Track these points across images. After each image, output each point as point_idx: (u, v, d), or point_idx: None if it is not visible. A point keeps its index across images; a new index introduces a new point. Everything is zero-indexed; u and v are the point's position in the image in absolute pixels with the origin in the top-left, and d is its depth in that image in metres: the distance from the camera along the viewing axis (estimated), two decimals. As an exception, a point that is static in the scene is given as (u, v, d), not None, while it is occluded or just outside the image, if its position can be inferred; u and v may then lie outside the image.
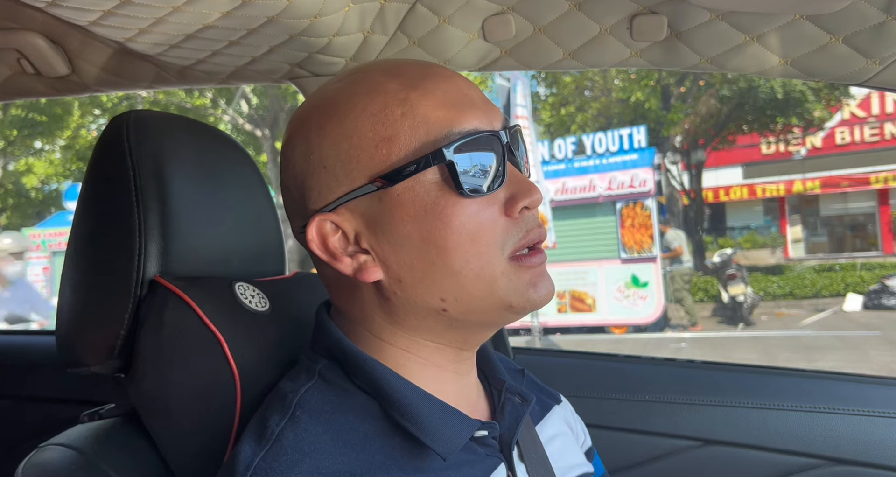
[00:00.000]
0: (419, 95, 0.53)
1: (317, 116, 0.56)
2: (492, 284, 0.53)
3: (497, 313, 0.55)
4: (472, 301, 0.53)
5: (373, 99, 0.54)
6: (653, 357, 1.25)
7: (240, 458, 0.49)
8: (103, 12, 0.76)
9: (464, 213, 0.52)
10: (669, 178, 13.09)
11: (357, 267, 0.54)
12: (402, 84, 0.54)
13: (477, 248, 0.52)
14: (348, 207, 0.54)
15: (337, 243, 0.54)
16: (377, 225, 0.53)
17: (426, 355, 0.57)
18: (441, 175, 0.52)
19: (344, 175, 0.53)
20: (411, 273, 0.53)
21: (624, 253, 8.79)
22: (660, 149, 11.11)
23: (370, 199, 0.53)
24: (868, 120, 15.28)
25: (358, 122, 0.53)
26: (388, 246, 0.53)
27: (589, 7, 0.88)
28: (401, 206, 0.52)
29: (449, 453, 0.52)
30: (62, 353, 0.69)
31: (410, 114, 0.52)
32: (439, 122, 0.52)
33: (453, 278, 0.52)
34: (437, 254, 0.52)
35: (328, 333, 0.58)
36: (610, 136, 9.70)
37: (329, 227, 0.54)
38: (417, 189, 0.52)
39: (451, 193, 0.52)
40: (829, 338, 7.60)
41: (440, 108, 0.53)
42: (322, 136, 0.55)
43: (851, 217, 16.57)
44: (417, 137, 0.52)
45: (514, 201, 0.54)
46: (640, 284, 8.68)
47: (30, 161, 15.25)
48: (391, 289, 0.54)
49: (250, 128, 12.36)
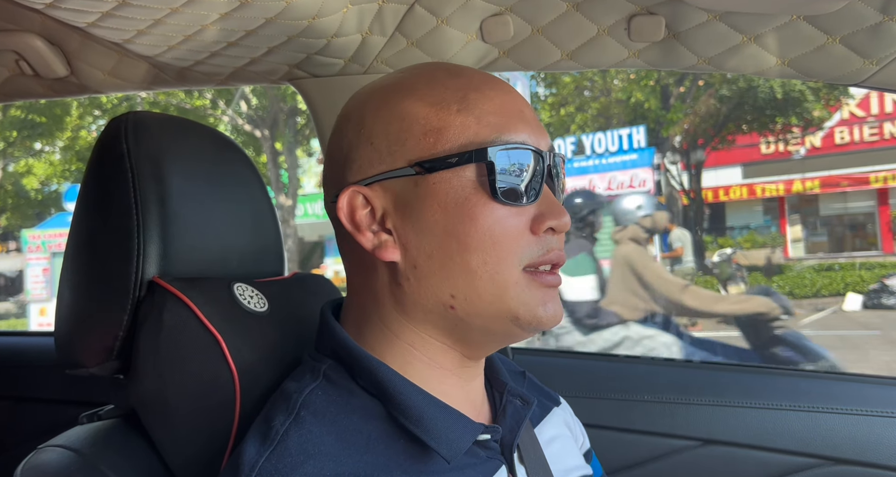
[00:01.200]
0: (477, 97, 0.55)
1: (377, 96, 0.58)
2: (503, 290, 0.53)
3: (502, 323, 0.55)
4: (481, 304, 0.54)
5: (433, 90, 0.56)
6: (652, 357, 1.26)
7: (244, 458, 0.50)
8: (101, 14, 0.76)
9: (491, 215, 0.53)
10: (669, 177, 13.10)
11: (377, 243, 0.55)
12: (464, 84, 0.56)
13: (497, 252, 0.53)
14: (383, 185, 0.55)
15: (364, 217, 0.56)
16: (406, 208, 0.54)
17: (431, 355, 0.57)
18: (479, 175, 0.53)
19: (388, 154, 0.55)
20: (428, 262, 0.54)
21: (624, 253, 8.78)
22: (659, 149, 11.12)
23: (406, 182, 0.54)
24: (867, 119, 15.28)
25: (414, 107, 0.55)
26: (411, 231, 0.54)
27: (587, 8, 0.89)
28: (434, 194, 0.53)
29: (453, 457, 0.52)
30: (61, 354, 0.69)
31: (465, 111, 0.54)
32: (490, 126, 0.54)
33: (467, 276, 0.53)
34: (457, 248, 0.53)
35: (333, 333, 0.58)
36: (609, 136, 9.72)
37: (360, 201, 0.55)
38: (454, 182, 0.53)
39: (483, 194, 0.53)
40: (828, 337, 7.60)
41: (494, 113, 0.55)
42: (376, 114, 0.57)
43: (851, 217, 16.58)
44: (466, 135, 0.54)
45: (542, 219, 0.55)
46: (640, 284, 8.67)
47: (30, 162, 15.25)
48: (405, 274, 0.55)
49: (250, 128, 12.36)
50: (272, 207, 0.84)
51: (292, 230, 12.19)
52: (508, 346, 1.20)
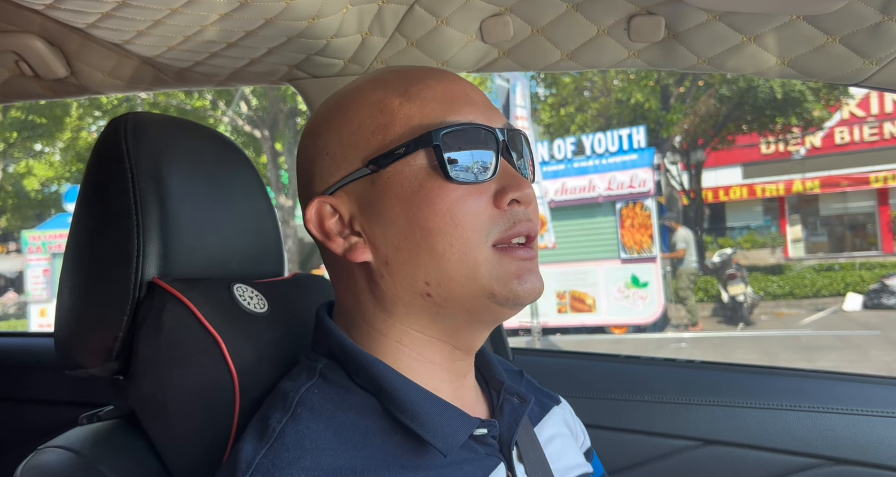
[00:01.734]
0: (420, 88, 0.57)
1: (327, 109, 0.60)
2: (473, 269, 0.54)
3: (480, 302, 0.55)
4: (455, 286, 0.54)
5: (375, 90, 0.58)
6: (653, 357, 1.26)
7: (241, 455, 0.50)
8: (101, 15, 0.76)
9: (448, 197, 0.53)
10: (669, 178, 13.10)
11: (347, 247, 0.56)
12: (406, 79, 0.58)
13: (460, 232, 0.53)
14: (346, 191, 0.57)
15: (333, 225, 0.57)
16: (369, 207, 0.56)
17: (419, 350, 0.57)
18: (429, 160, 0.54)
19: (343, 160, 0.57)
20: (398, 255, 0.55)
21: (624, 253, 8.79)
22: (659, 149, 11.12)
23: (364, 183, 0.56)
24: (867, 119, 15.28)
25: (359, 110, 0.57)
26: (377, 228, 0.55)
27: (586, 8, 0.89)
28: (390, 188, 0.54)
29: (449, 450, 0.52)
30: (61, 355, 0.69)
31: (408, 103, 0.56)
32: (434, 112, 0.55)
33: (436, 261, 0.54)
34: (421, 236, 0.53)
35: (329, 332, 0.58)
36: (609, 136, 9.70)
37: (327, 210, 0.57)
38: (406, 172, 0.54)
39: (437, 178, 0.54)
40: (828, 337, 7.60)
41: (438, 100, 0.56)
42: (328, 124, 0.59)
43: (851, 217, 16.58)
44: (411, 124, 0.55)
45: (504, 193, 0.55)
46: (640, 285, 8.67)
47: (30, 163, 15.25)
48: (379, 271, 0.56)
49: (249, 129, 12.36)
50: (272, 208, 0.84)
51: (292, 231, 12.19)
52: (508, 347, 1.20)
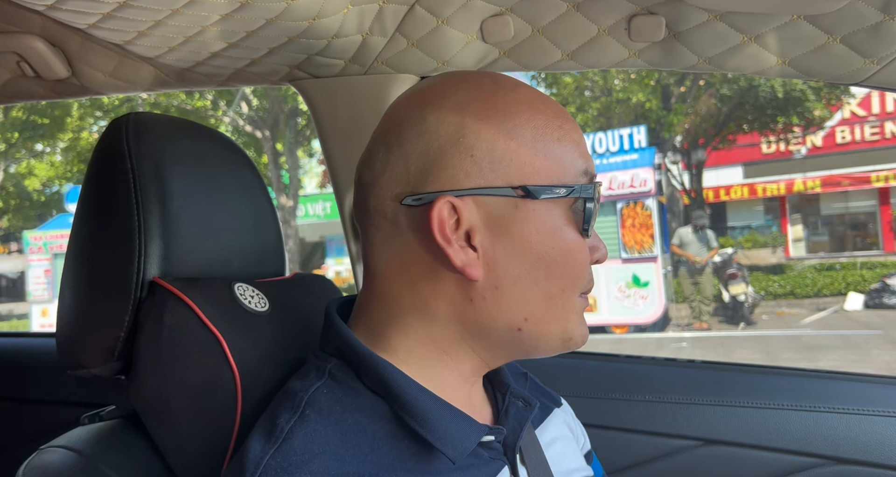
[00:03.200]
0: (569, 128, 0.57)
1: (477, 105, 0.55)
2: (568, 314, 0.57)
3: (555, 344, 0.57)
4: (548, 327, 0.56)
5: (536, 114, 0.56)
6: (653, 357, 1.25)
7: (249, 456, 0.50)
8: (102, 15, 0.76)
9: (577, 247, 0.56)
10: (670, 177, 13.09)
11: (466, 260, 0.53)
12: (556, 112, 0.57)
13: (573, 281, 0.56)
14: (476, 200, 0.53)
15: (450, 228, 0.53)
16: (500, 228, 0.54)
17: (459, 362, 0.57)
18: (575, 207, 0.56)
19: (490, 170, 0.54)
20: (514, 284, 0.54)
21: (625, 253, 8.79)
22: (660, 149, 11.11)
23: (505, 202, 0.53)
24: (868, 119, 15.27)
25: (521, 129, 0.55)
26: (501, 251, 0.53)
27: (587, 8, 0.89)
28: (533, 219, 0.54)
29: (458, 457, 0.52)
30: (62, 355, 0.69)
31: (564, 141, 0.56)
32: (581, 159, 0.57)
33: (545, 302, 0.55)
34: (544, 275, 0.54)
35: (338, 332, 0.58)
36: (610, 136, 9.70)
37: (448, 211, 0.53)
38: (553, 211, 0.55)
39: (573, 226, 0.56)
40: (830, 337, 7.59)
41: (580, 145, 0.58)
42: (480, 127, 0.54)
43: (852, 216, 16.56)
44: (566, 162, 0.56)
45: (595, 252, 0.59)
46: (641, 284, 8.67)
47: (31, 163, 15.27)
48: (482, 293, 0.54)
49: (250, 129, 12.36)
50: (273, 208, 0.84)
51: (293, 231, 12.19)
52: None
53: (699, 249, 8.86)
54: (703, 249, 8.86)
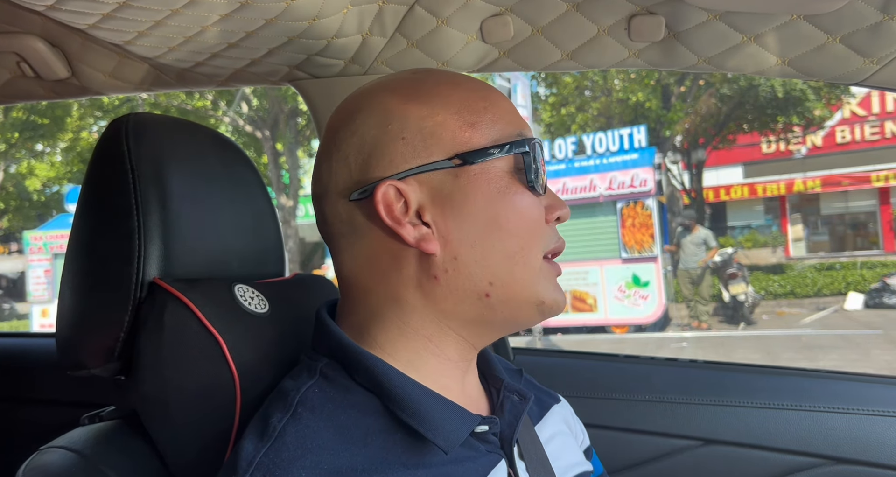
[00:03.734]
0: (495, 99, 0.59)
1: (399, 94, 0.58)
2: (533, 275, 0.57)
3: (528, 308, 0.57)
4: (515, 289, 0.56)
5: (457, 90, 0.58)
6: (653, 357, 1.26)
7: (242, 454, 0.50)
8: (102, 16, 0.76)
9: (527, 203, 0.57)
10: (670, 177, 13.09)
11: (419, 236, 0.55)
12: (478, 86, 0.60)
13: (531, 238, 0.57)
14: (418, 179, 0.56)
15: (400, 211, 0.56)
16: (446, 200, 0.55)
17: (443, 347, 0.58)
18: (515, 165, 0.57)
19: (423, 148, 0.56)
20: (471, 251, 0.55)
21: (625, 253, 8.79)
22: (660, 148, 11.11)
23: (444, 175, 0.55)
24: (869, 118, 15.27)
25: (445, 104, 0.57)
26: (452, 222, 0.55)
27: (587, 8, 0.89)
28: (475, 184, 0.55)
29: (450, 447, 0.52)
30: (62, 355, 0.69)
31: (492, 109, 0.58)
32: (513, 123, 0.58)
33: (507, 262, 0.55)
34: (498, 235, 0.55)
35: (329, 332, 0.58)
36: (610, 135, 9.70)
37: (393, 194, 0.55)
38: (492, 172, 0.56)
39: (520, 184, 0.57)
40: (830, 337, 7.59)
41: (510, 112, 0.59)
42: (405, 111, 0.57)
43: (852, 216, 16.56)
44: (497, 128, 0.57)
45: (552, 209, 0.59)
46: (641, 284, 8.67)
47: (31, 164, 15.27)
48: (443, 266, 0.55)
49: (251, 129, 12.36)
50: (273, 208, 0.84)
51: (293, 231, 12.19)
52: (509, 346, 1.20)
53: (694, 249, 8.83)
54: (698, 250, 8.82)
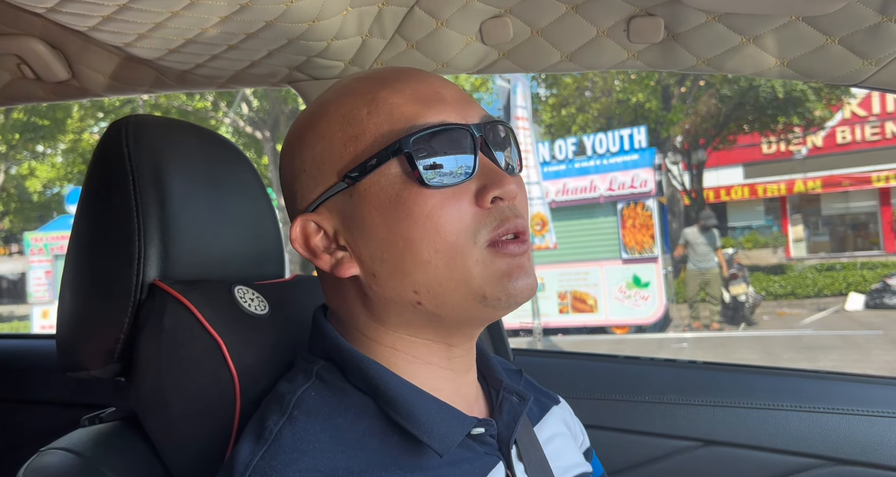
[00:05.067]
0: (387, 94, 0.55)
1: (300, 125, 0.60)
2: (464, 273, 0.53)
3: (472, 306, 0.54)
4: (445, 292, 0.53)
5: (343, 101, 0.57)
6: (652, 358, 1.26)
7: (239, 458, 0.50)
8: (103, 18, 0.76)
9: (427, 204, 0.52)
10: (670, 178, 13.09)
11: (334, 263, 0.56)
12: (372, 84, 0.57)
13: (444, 237, 0.52)
14: (326, 207, 0.56)
15: (319, 242, 0.57)
16: (350, 221, 0.55)
17: (415, 353, 0.57)
18: (403, 168, 0.53)
19: (319, 175, 0.56)
20: (383, 266, 0.54)
21: (625, 253, 8.79)
22: (660, 149, 11.11)
23: (343, 197, 0.55)
24: (869, 119, 15.26)
25: (329, 124, 0.56)
26: (361, 241, 0.55)
27: (586, 9, 0.89)
28: (367, 200, 0.54)
29: (445, 450, 0.52)
30: (62, 357, 0.69)
31: (376, 112, 0.55)
32: (403, 118, 0.54)
33: (423, 269, 0.53)
34: (404, 245, 0.53)
35: (325, 334, 0.59)
36: (610, 136, 9.70)
37: (312, 227, 0.57)
38: (382, 182, 0.53)
39: (413, 185, 0.53)
40: (830, 337, 7.59)
41: (406, 104, 0.55)
42: (301, 141, 0.58)
43: (853, 216, 16.55)
44: (381, 132, 0.54)
45: (485, 192, 0.54)
46: (642, 285, 8.67)
47: (32, 165, 15.27)
48: (367, 283, 0.55)
49: (251, 130, 12.37)
50: (273, 210, 0.84)
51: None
52: (509, 347, 1.20)
53: (706, 249, 8.76)
54: (710, 250, 8.75)
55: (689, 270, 8.93)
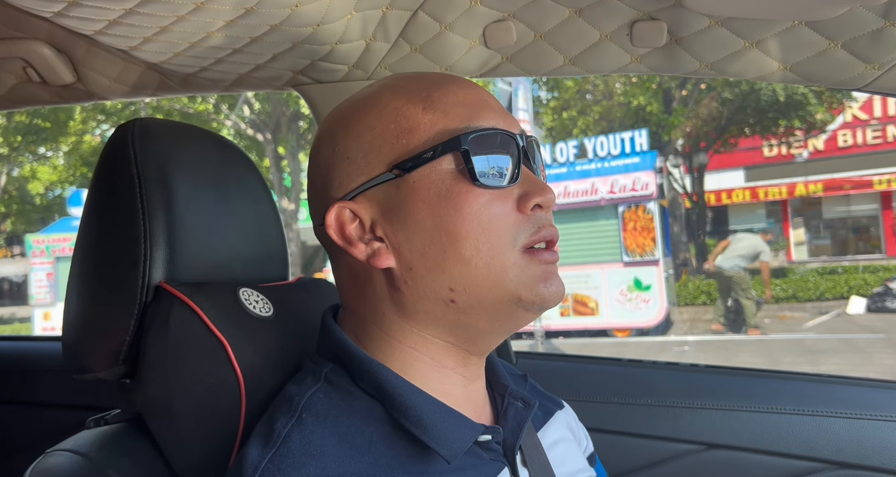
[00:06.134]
0: (441, 94, 0.57)
1: (344, 114, 0.60)
2: (501, 274, 0.54)
3: (506, 307, 0.55)
4: (481, 291, 0.54)
5: (396, 96, 0.57)
6: (655, 361, 1.26)
7: (247, 460, 0.50)
8: (109, 22, 0.77)
9: (476, 202, 0.53)
10: (671, 181, 13.08)
11: (370, 253, 0.56)
12: (426, 85, 0.58)
13: (488, 237, 0.53)
14: (367, 196, 0.56)
15: (353, 231, 0.56)
16: (393, 212, 0.55)
17: (434, 355, 0.57)
18: (456, 164, 0.54)
19: (365, 164, 0.56)
20: (423, 260, 0.54)
21: (626, 256, 8.78)
22: (662, 152, 11.12)
23: (388, 188, 0.55)
24: (870, 122, 15.26)
25: (381, 115, 0.57)
26: (401, 233, 0.55)
27: (589, 13, 0.89)
28: (416, 192, 0.54)
29: (453, 457, 0.52)
30: (68, 358, 0.70)
31: (431, 109, 0.56)
32: (458, 117, 0.55)
33: (463, 266, 0.53)
34: (448, 241, 0.53)
35: (333, 337, 0.58)
36: (612, 139, 9.71)
37: (347, 215, 0.56)
38: (433, 177, 0.54)
39: (465, 182, 0.54)
40: (832, 341, 7.57)
41: (460, 105, 0.56)
42: (347, 129, 0.58)
43: (854, 219, 16.53)
44: (436, 129, 0.55)
45: (527, 198, 0.55)
46: (643, 288, 8.66)
47: (34, 167, 15.30)
48: (402, 277, 0.55)
49: (252, 133, 12.39)
50: (276, 212, 0.85)
51: (295, 234, 12.20)
52: (512, 350, 1.20)
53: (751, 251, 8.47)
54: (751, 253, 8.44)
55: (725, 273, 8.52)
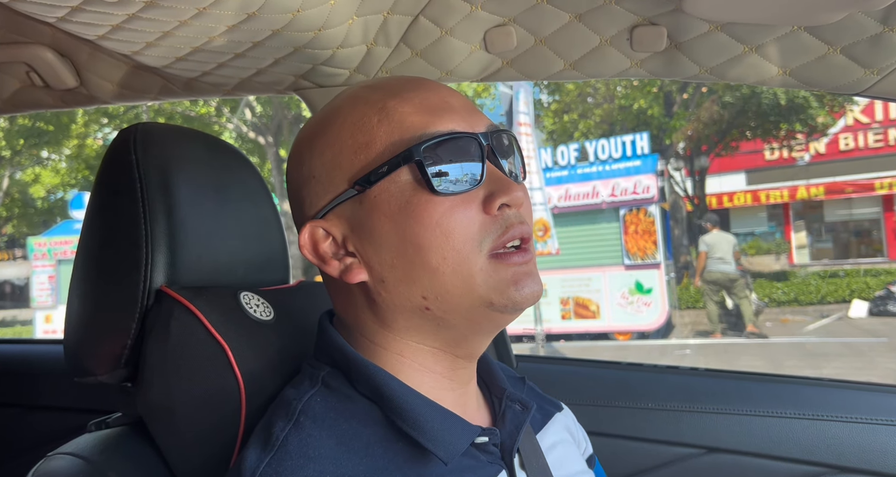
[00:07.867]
0: (397, 102, 0.56)
1: (308, 132, 0.61)
2: (469, 280, 0.53)
3: (480, 312, 0.55)
4: (453, 298, 0.54)
5: (354, 109, 0.57)
6: (655, 365, 1.26)
7: (245, 464, 0.50)
8: (112, 27, 0.77)
9: (437, 211, 0.53)
10: (673, 184, 13.08)
11: (343, 269, 0.57)
12: (383, 93, 0.58)
13: (452, 245, 0.53)
14: (335, 213, 0.57)
15: (327, 248, 0.57)
16: (360, 228, 0.56)
17: (421, 361, 0.58)
18: (413, 175, 0.54)
19: (329, 182, 0.57)
20: (392, 272, 0.55)
21: (627, 259, 8.78)
22: (663, 155, 11.12)
23: (353, 204, 0.56)
24: (872, 126, 15.26)
25: (340, 131, 0.57)
26: (370, 247, 0.55)
27: (589, 18, 0.89)
28: (378, 207, 0.55)
29: (450, 458, 0.53)
30: (70, 362, 0.70)
31: (387, 120, 0.56)
32: (414, 126, 0.55)
33: (432, 276, 0.54)
34: (414, 252, 0.53)
35: (330, 340, 0.59)
36: (613, 142, 9.71)
37: (321, 234, 0.58)
38: (392, 189, 0.54)
39: (423, 192, 0.54)
40: (834, 344, 7.56)
41: (416, 113, 0.56)
42: (311, 148, 0.59)
43: (856, 223, 16.52)
44: (392, 141, 0.55)
45: (492, 199, 0.55)
46: (644, 291, 8.65)
47: (36, 170, 15.33)
48: (375, 289, 0.56)
49: (254, 136, 12.42)
50: (277, 216, 0.85)
51: (296, 237, 12.20)
52: (512, 353, 1.20)
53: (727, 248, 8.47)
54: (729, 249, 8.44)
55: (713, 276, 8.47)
